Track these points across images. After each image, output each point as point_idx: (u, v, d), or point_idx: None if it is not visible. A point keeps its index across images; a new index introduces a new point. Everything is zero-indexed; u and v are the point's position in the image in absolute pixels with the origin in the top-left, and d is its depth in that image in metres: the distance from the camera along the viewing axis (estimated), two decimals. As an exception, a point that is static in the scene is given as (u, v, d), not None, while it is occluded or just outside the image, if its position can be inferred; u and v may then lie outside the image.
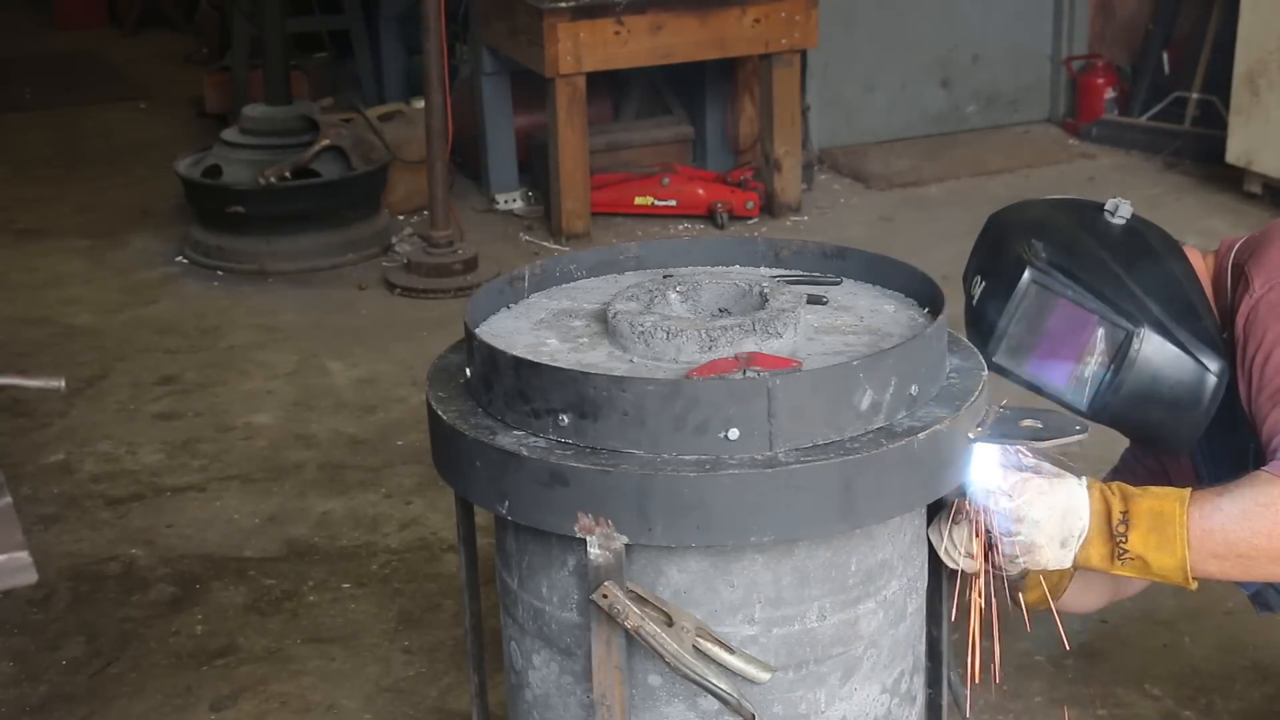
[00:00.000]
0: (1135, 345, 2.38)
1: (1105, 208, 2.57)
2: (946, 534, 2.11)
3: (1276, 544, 2.08)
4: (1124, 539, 2.06)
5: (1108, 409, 2.42)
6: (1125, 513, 2.06)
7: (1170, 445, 2.48)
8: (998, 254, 2.51)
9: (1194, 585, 2.11)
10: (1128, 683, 3.20)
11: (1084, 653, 3.28)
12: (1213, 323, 2.44)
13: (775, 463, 1.78)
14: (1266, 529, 2.07)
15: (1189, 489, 2.11)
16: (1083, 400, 2.41)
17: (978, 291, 2.49)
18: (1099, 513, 2.07)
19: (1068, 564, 2.08)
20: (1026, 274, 2.42)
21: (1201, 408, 2.39)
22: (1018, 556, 2.07)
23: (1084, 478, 2.09)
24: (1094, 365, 2.41)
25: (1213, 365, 2.38)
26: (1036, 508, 2.04)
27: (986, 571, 2.15)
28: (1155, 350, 2.38)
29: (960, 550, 2.10)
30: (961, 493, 2.08)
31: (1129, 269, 2.44)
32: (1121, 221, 2.55)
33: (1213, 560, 2.08)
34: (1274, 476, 2.12)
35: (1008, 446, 2.04)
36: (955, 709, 2.38)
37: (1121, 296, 2.41)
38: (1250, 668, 3.24)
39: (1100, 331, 2.40)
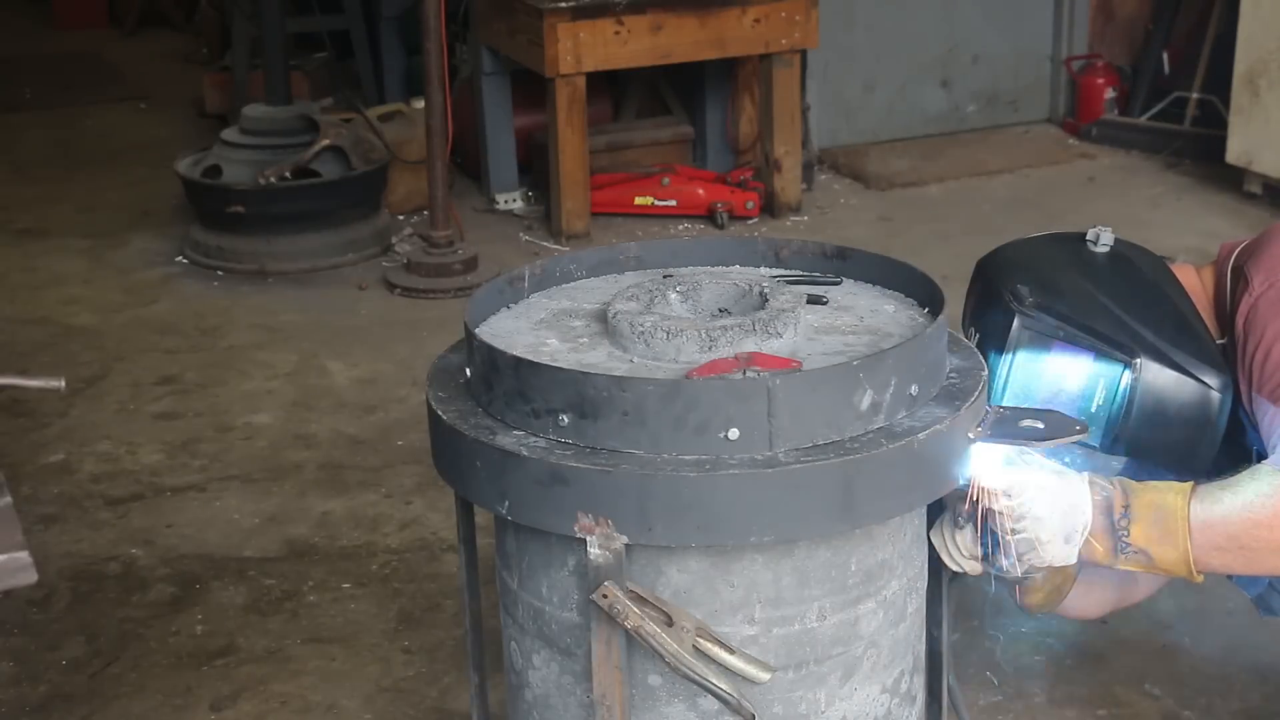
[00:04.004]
0: (1134, 375, 2.38)
1: (1087, 238, 2.57)
2: (949, 537, 2.11)
3: (1278, 535, 2.08)
4: (1126, 533, 2.06)
5: (1120, 441, 2.42)
6: (1127, 507, 2.07)
7: (1189, 465, 2.47)
8: (986, 303, 2.52)
9: (1200, 578, 2.11)
10: (1128, 683, 3.20)
11: (1084, 653, 3.28)
12: (1209, 338, 2.44)
13: (775, 463, 1.78)
14: (1268, 520, 2.07)
15: (1190, 483, 2.11)
16: (1095, 437, 2.41)
17: (972, 343, 2.51)
18: (1101, 507, 2.07)
19: (1073, 560, 2.09)
20: (1015, 322, 2.43)
21: (1211, 425, 2.40)
22: (1023, 555, 2.07)
23: (1085, 473, 2.09)
24: (1098, 400, 2.41)
25: (1214, 382, 2.38)
26: (1039, 504, 2.04)
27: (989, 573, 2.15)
28: (1155, 377, 2.38)
29: (964, 553, 2.11)
30: (963, 495, 2.08)
31: (1117, 298, 2.45)
32: (1105, 249, 2.55)
33: (1215, 553, 2.09)
34: (1275, 469, 2.12)
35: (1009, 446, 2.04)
36: (954, 711, 2.38)
37: (1113, 328, 2.41)
38: (1250, 668, 3.24)
39: (1098, 367, 2.40)
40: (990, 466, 2.04)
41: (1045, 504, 2.04)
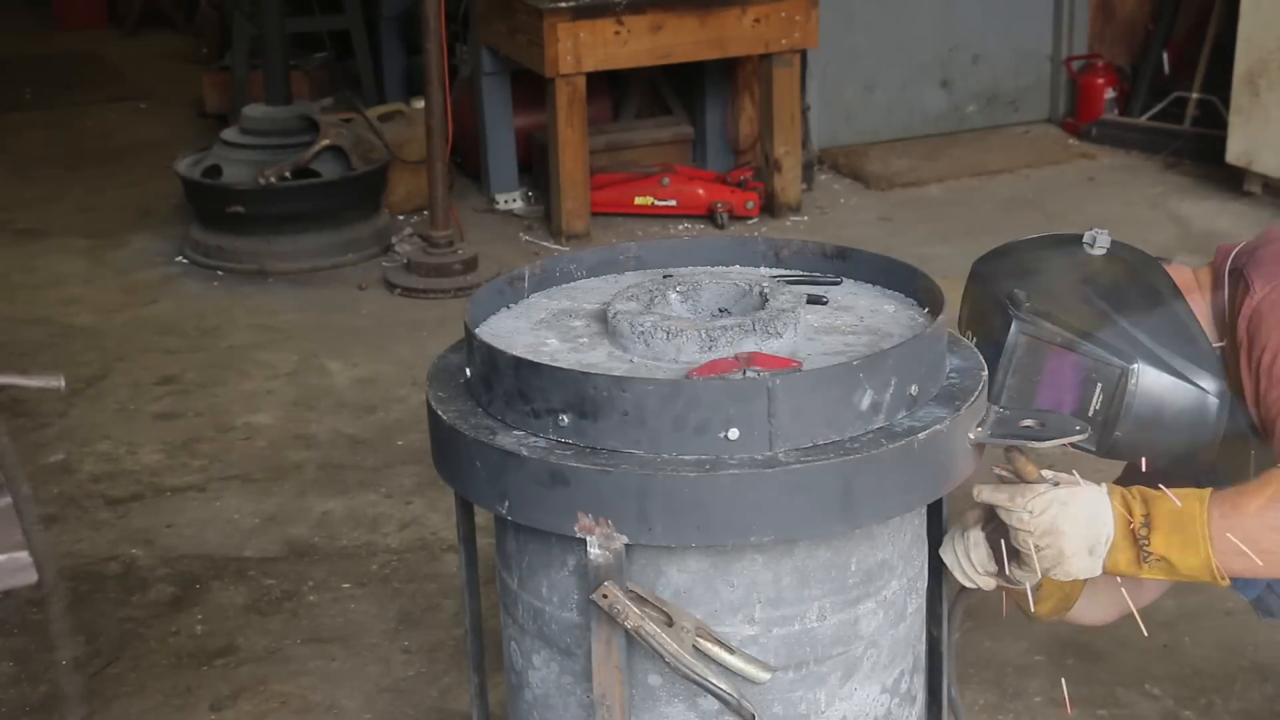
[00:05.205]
0: (1131, 382, 2.37)
1: (1083, 240, 2.56)
2: (962, 554, 2.10)
3: None
4: (1147, 542, 2.05)
5: (1118, 446, 2.42)
6: (1147, 515, 2.06)
7: (1189, 469, 2.47)
8: (984, 307, 2.51)
9: (1225, 582, 2.10)
10: (1128, 683, 3.20)
11: (1084, 653, 3.28)
12: (1206, 342, 2.44)
13: (775, 463, 1.77)
14: None
15: (1209, 489, 2.11)
16: (1092, 441, 2.40)
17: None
18: (1121, 517, 2.06)
19: (1098, 571, 2.08)
20: (1013, 327, 2.42)
21: (1209, 430, 2.39)
22: (1048, 569, 2.06)
23: (1104, 484, 2.09)
24: (1095, 406, 2.41)
25: (1211, 387, 2.37)
26: (1061, 519, 2.03)
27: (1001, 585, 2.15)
28: (1152, 383, 2.37)
29: (979, 569, 2.10)
30: (975, 510, 2.08)
31: (1114, 303, 2.44)
32: (1101, 252, 2.54)
33: (1237, 558, 2.08)
34: None
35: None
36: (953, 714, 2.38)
37: (1110, 333, 2.40)
38: (1250, 668, 3.24)
39: (1095, 373, 2.40)
40: (1008, 484, 2.04)
41: (1067, 518, 2.03)
